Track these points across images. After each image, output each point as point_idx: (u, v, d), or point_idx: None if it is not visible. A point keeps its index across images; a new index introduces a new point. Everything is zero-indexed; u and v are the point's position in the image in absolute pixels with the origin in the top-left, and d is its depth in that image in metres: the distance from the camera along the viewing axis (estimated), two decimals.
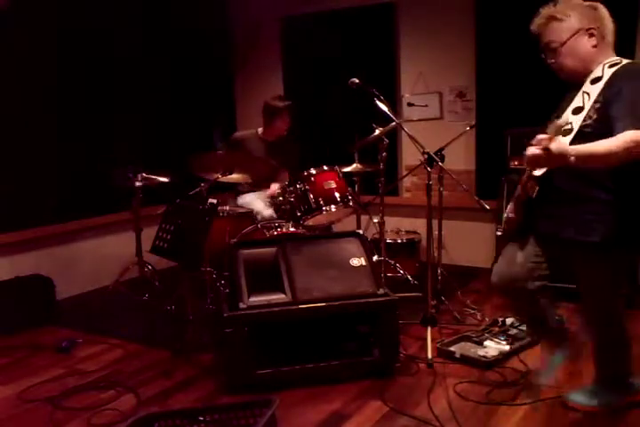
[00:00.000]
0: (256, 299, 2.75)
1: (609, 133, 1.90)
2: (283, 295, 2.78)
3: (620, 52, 2.15)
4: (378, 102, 3.11)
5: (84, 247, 4.46)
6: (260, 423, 1.92)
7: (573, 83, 2.17)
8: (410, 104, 4.71)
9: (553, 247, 2.26)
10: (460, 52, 4.56)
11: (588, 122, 2.02)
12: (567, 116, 2.05)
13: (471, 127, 4.03)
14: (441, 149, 3.69)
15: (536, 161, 1.88)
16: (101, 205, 4.46)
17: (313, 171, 3.50)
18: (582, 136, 1.99)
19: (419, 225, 4.54)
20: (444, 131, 4.45)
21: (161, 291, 3.98)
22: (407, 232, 4.70)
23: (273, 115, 4.09)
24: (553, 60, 2.15)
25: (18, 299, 3.68)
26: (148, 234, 3.58)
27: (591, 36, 2.08)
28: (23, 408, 2.66)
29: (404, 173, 4.80)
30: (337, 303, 2.75)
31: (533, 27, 2.17)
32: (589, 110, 2.02)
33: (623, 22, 2.19)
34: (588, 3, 2.14)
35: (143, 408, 2.57)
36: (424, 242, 4.19)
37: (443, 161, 3.46)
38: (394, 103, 4.76)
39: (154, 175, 3.92)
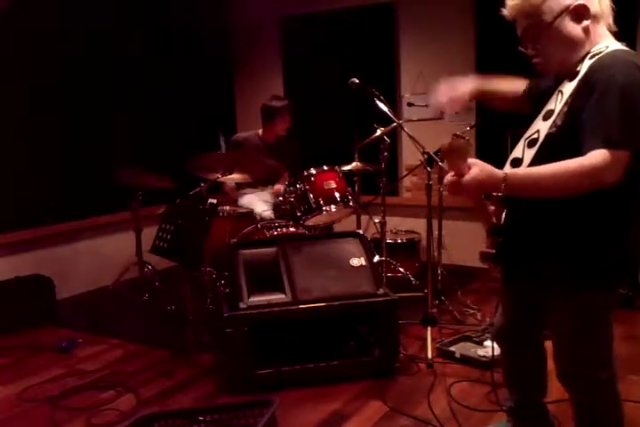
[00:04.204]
0: (256, 299, 2.75)
1: (574, 147, 1.50)
2: (283, 295, 2.78)
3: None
4: (378, 102, 3.11)
5: (83, 247, 4.46)
6: (260, 423, 1.91)
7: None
8: (410, 104, 4.69)
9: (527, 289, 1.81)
10: (460, 51, 4.56)
11: (553, 130, 1.58)
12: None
13: (471, 127, 4.03)
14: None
15: (455, 190, 1.53)
16: (101, 205, 4.46)
17: (313, 171, 3.49)
18: (547, 149, 1.59)
19: (419, 225, 4.54)
20: (444, 131, 4.44)
21: (161, 291, 3.98)
22: (405, 232, 4.70)
23: (273, 116, 4.03)
24: (534, 53, 1.70)
25: (18, 299, 3.67)
26: (148, 234, 3.59)
27: (581, 15, 1.59)
28: (23, 408, 2.66)
29: (404, 173, 4.80)
30: (337, 303, 2.75)
31: (506, 11, 1.68)
32: (557, 115, 1.59)
33: (623, 22, 2.14)
34: None
35: (143, 408, 2.57)
36: (424, 242, 4.18)
37: (443, 161, 3.46)
38: (394, 103, 4.75)
39: (153, 175, 3.91)
